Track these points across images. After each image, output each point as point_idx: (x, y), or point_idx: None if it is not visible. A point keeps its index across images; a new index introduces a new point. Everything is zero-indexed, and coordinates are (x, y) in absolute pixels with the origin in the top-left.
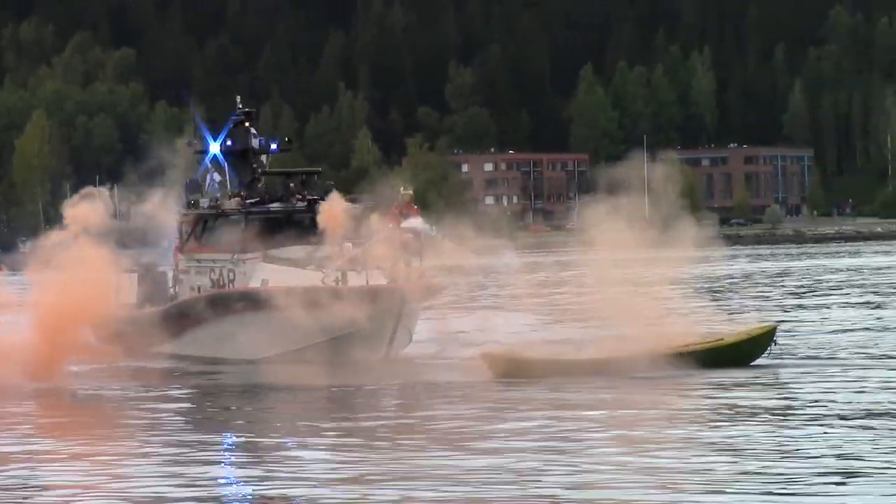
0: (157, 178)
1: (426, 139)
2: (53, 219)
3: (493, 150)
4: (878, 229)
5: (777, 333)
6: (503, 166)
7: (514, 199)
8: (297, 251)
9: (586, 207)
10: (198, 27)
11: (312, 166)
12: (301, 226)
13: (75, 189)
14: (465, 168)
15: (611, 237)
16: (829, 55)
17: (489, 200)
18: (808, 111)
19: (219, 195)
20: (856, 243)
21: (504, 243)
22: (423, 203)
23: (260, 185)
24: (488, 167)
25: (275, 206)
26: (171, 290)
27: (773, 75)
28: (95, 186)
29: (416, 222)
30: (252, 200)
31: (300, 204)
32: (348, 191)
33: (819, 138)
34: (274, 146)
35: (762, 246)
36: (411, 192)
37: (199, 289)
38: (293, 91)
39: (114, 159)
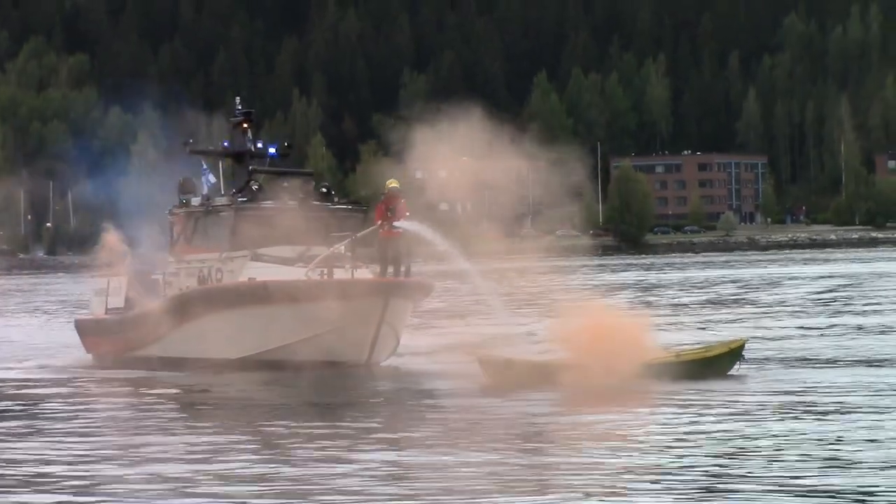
0: (113, 183)
1: (380, 146)
2: (8, 224)
3: None
4: (832, 237)
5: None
6: (457, 172)
7: (469, 206)
8: (287, 251)
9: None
10: (151, 33)
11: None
12: (293, 225)
13: (29, 195)
14: (419, 174)
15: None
16: (783, 63)
17: (444, 207)
18: (762, 119)
19: (208, 195)
20: (804, 251)
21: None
22: None
23: (255, 187)
24: (442, 173)
25: (266, 203)
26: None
27: (728, 83)
28: (49, 192)
29: (409, 224)
30: (243, 199)
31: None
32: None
33: (773, 146)
34: (272, 150)
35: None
36: (398, 184)
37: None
38: (247, 97)
39: (68, 165)
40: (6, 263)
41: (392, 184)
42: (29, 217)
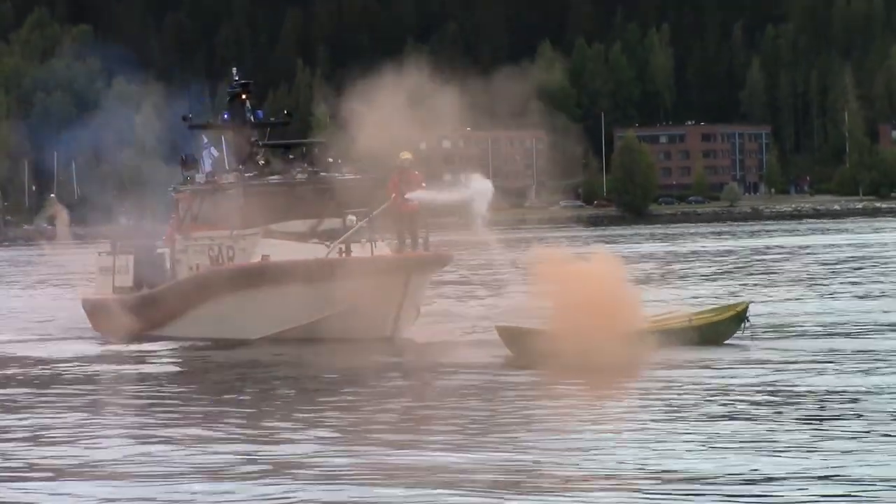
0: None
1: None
2: (12, 195)
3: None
4: (836, 207)
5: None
6: (461, 143)
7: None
8: (299, 225)
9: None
10: (155, 3)
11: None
12: (303, 199)
13: (33, 166)
14: (422, 146)
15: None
16: (787, 33)
17: (447, 177)
18: (765, 89)
19: (212, 171)
20: (803, 221)
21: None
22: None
23: (259, 159)
24: (446, 144)
25: (274, 178)
26: (169, 272)
27: (731, 53)
28: (54, 163)
29: (421, 195)
30: (250, 174)
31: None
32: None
33: (777, 116)
34: (273, 119)
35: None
36: (410, 156)
37: (196, 268)
38: (251, 68)
39: (72, 136)
40: (10, 234)
41: (405, 156)
42: (33, 188)
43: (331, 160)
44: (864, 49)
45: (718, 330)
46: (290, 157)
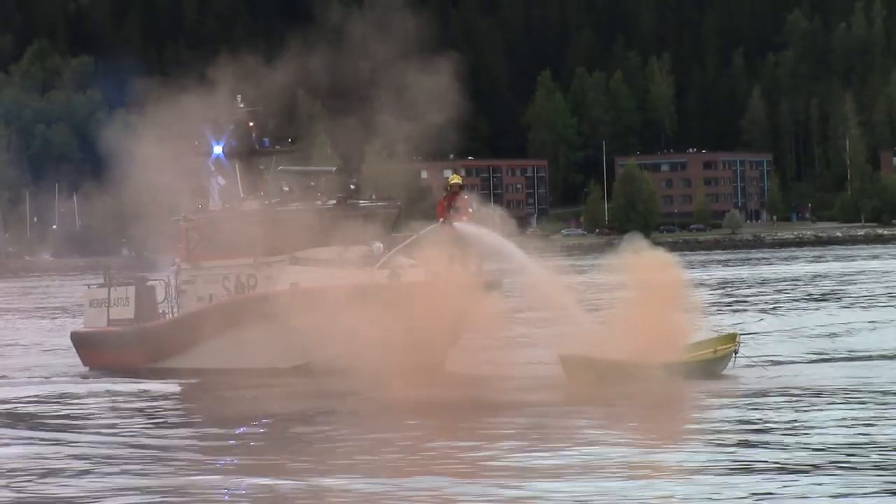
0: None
1: (385, 146)
2: (14, 227)
3: (451, 156)
4: (838, 234)
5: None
6: (462, 172)
7: (475, 205)
8: (326, 252)
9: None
10: (155, 34)
11: None
12: (332, 226)
13: (34, 198)
14: (424, 175)
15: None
16: (787, 61)
17: None
18: (766, 116)
19: (228, 198)
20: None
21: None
22: None
23: (285, 188)
24: (447, 173)
25: (302, 205)
26: (171, 302)
27: (732, 81)
28: (55, 195)
29: (467, 227)
30: (274, 200)
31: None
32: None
33: (778, 143)
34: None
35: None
36: (460, 180)
37: (210, 298)
38: (250, 98)
39: (73, 168)
40: (12, 266)
41: (454, 179)
42: (35, 219)
43: (352, 187)
44: (865, 75)
45: (727, 360)
46: (312, 184)
